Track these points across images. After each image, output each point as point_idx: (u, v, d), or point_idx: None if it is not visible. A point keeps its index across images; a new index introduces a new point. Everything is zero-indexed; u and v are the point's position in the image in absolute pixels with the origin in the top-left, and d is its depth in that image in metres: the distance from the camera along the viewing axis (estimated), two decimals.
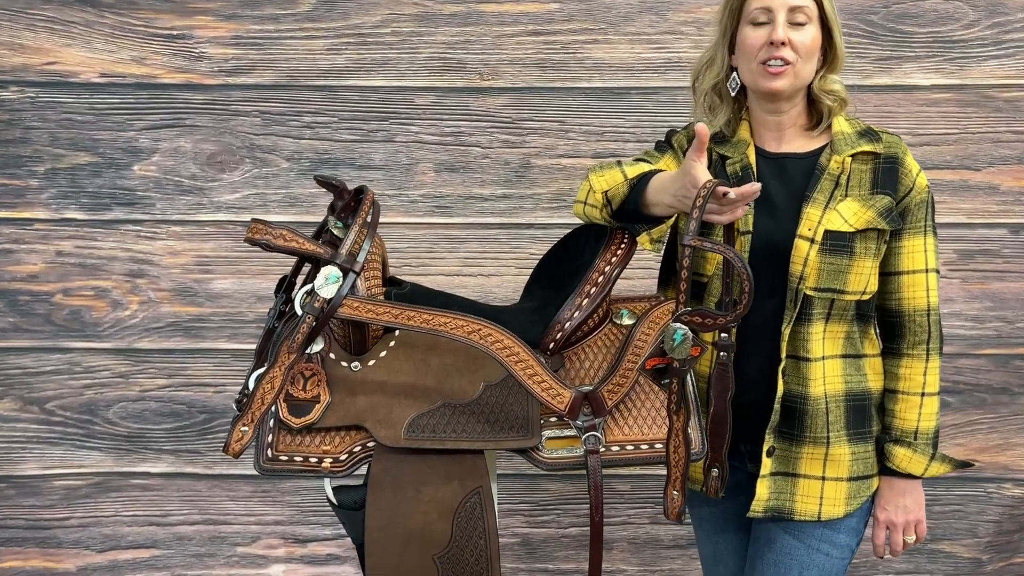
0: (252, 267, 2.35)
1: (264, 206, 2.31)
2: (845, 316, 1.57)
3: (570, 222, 2.35)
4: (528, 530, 2.46)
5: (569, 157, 2.28)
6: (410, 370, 1.45)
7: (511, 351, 1.39)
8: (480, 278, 2.31)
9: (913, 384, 1.58)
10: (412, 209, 2.29)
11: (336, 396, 1.42)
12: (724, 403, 1.39)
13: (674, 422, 1.34)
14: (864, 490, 1.59)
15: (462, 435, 1.40)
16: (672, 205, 1.40)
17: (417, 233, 2.30)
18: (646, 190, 1.44)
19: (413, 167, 2.27)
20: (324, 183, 1.51)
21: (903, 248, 1.57)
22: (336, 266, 1.39)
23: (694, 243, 1.27)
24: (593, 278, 1.47)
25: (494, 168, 2.27)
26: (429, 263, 2.30)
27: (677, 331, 1.28)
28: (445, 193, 2.28)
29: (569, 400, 1.38)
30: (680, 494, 1.36)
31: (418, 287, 1.61)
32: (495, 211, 2.28)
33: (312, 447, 1.40)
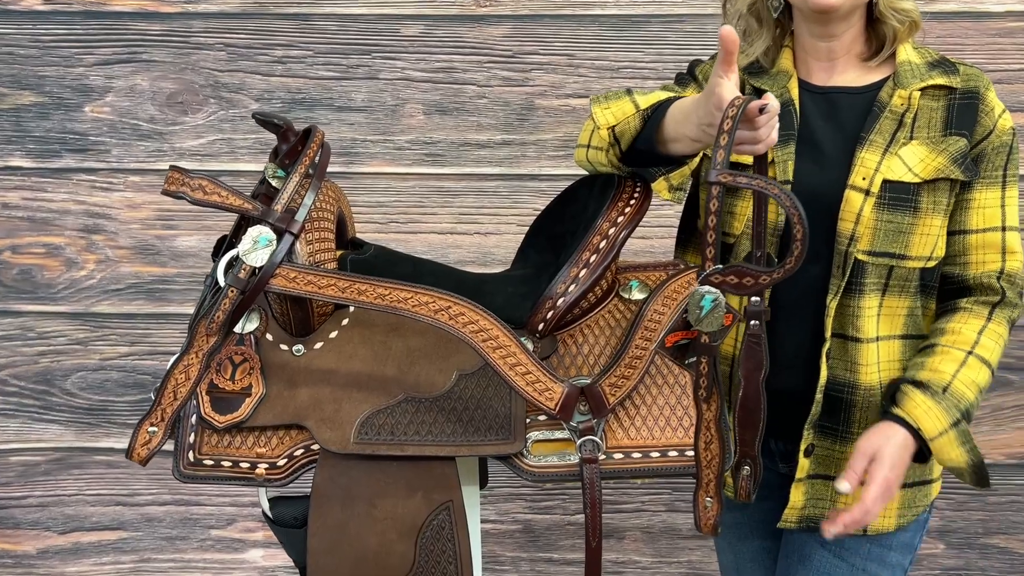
0: (221, 222, 2.15)
1: (232, 153, 2.13)
2: (907, 288, 1.27)
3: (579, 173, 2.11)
4: (531, 516, 2.27)
5: (579, 97, 2.07)
6: (366, 355, 1.17)
7: (487, 335, 1.10)
8: (477, 237, 2.15)
9: (961, 339, 1.26)
10: (399, 157, 2.11)
11: (272, 388, 1.15)
12: (757, 384, 1.10)
13: (703, 412, 1.05)
14: (921, 498, 1.31)
15: (428, 438, 1.13)
16: (697, 139, 1.10)
17: (404, 185, 2.12)
18: (663, 123, 1.14)
19: (399, 109, 2.08)
20: (263, 122, 1.23)
21: (973, 201, 1.27)
22: (268, 225, 1.11)
23: (723, 179, 0.98)
24: (593, 242, 1.17)
25: (492, 110, 2.08)
26: (418, 219, 2.14)
27: (706, 296, 1.00)
28: (436, 139, 2.10)
29: (561, 396, 1.10)
30: (715, 501, 1.09)
31: (384, 251, 1.32)
32: (494, 160, 2.10)
33: (243, 450, 1.14)
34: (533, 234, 1.45)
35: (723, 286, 1.00)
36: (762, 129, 1.04)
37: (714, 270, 1.00)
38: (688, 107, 1.12)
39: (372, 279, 1.12)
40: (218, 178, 1.14)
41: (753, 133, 1.04)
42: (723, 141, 1.00)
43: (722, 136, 1.00)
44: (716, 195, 0.99)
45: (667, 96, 1.19)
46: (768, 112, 1.00)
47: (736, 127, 0.99)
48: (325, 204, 1.21)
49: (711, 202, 0.99)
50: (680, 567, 2.29)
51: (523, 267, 1.40)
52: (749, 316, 1.08)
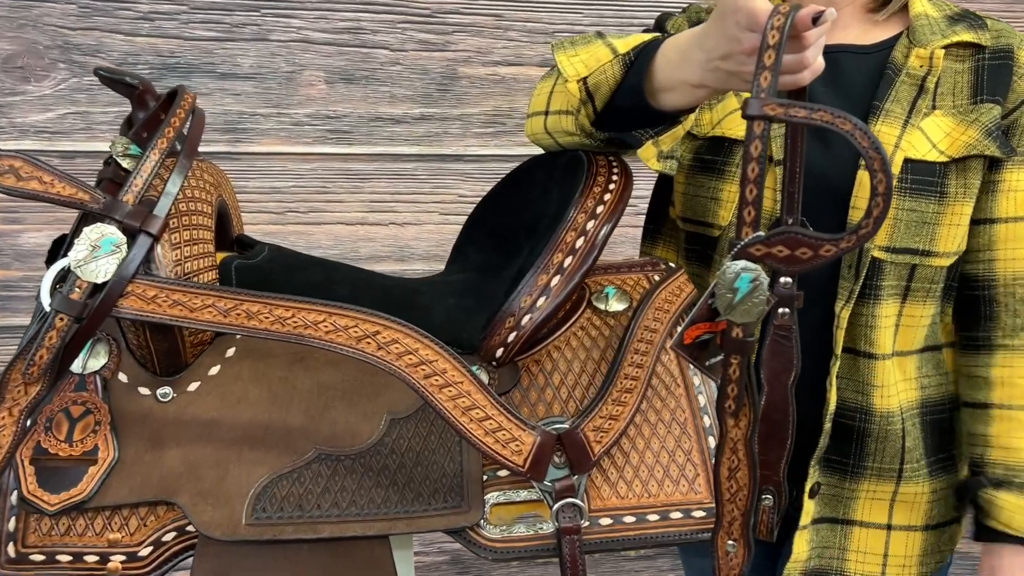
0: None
1: (88, 130, 1.81)
2: (932, 292, 1.05)
3: (512, 154, 1.86)
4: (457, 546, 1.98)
5: (509, 65, 1.87)
6: (260, 398, 0.87)
7: (431, 368, 0.81)
8: (392, 228, 1.91)
9: (1018, 392, 1.08)
10: (297, 135, 1.84)
11: (128, 449, 0.83)
12: (784, 390, 0.85)
13: (729, 429, 0.79)
14: (946, 542, 1.10)
15: (351, 511, 0.83)
16: (700, 83, 0.85)
17: (304, 167, 1.85)
18: (652, 68, 0.88)
19: (296, 77, 1.82)
20: (110, 80, 0.90)
21: (1001, 183, 1.06)
22: (114, 223, 0.78)
23: (772, 112, 0.72)
24: (567, 240, 0.89)
25: (408, 79, 1.84)
26: (322, 208, 1.87)
27: (743, 275, 0.74)
28: (341, 112, 1.84)
29: (532, 448, 0.82)
30: (740, 545, 0.83)
31: (282, 252, 1.01)
32: (410, 138, 1.86)
33: (89, 537, 0.82)
34: (472, 228, 1.17)
35: (767, 260, 0.74)
36: (811, 49, 0.79)
37: (755, 238, 0.74)
38: (687, 43, 0.85)
39: (267, 296, 0.81)
40: (40, 158, 0.81)
41: (798, 56, 0.79)
42: (768, 60, 0.73)
43: (767, 54, 0.73)
44: (759, 135, 0.73)
45: (651, 37, 0.92)
46: (823, 22, 0.76)
47: (784, 42, 0.73)
48: (200, 192, 0.89)
49: (752, 144, 0.73)
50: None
51: (462, 269, 1.11)
52: (776, 303, 0.82)
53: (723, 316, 0.76)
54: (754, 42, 0.78)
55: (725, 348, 0.77)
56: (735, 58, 0.80)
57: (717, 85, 0.85)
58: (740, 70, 0.81)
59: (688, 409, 0.91)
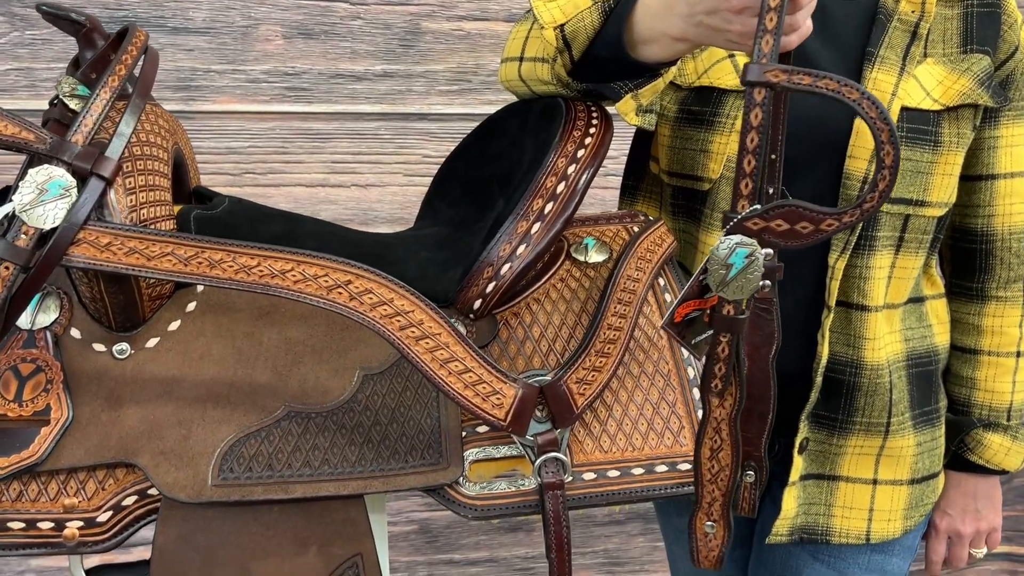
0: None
1: (32, 87, 1.72)
2: (923, 244, 1.04)
3: (478, 112, 1.81)
4: (427, 514, 1.98)
5: (475, 20, 1.81)
6: (224, 354, 0.82)
7: (407, 319, 0.77)
8: (354, 189, 1.85)
9: (1006, 340, 1.10)
10: (253, 92, 1.77)
11: (83, 408, 0.78)
12: (765, 363, 0.84)
13: (713, 409, 0.77)
14: (929, 495, 1.11)
15: (323, 470, 0.79)
16: (682, 36, 0.82)
17: (262, 127, 1.78)
18: (632, 18, 0.85)
19: (252, 31, 1.74)
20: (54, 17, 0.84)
21: (1000, 139, 1.05)
22: (62, 165, 0.72)
23: (774, 79, 0.69)
24: (547, 185, 0.86)
25: (369, 34, 1.77)
26: (281, 169, 1.81)
27: (739, 249, 0.71)
28: (300, 69, 1.77)
29: (513, 402, 0.79)
30: (720, 526, 0.81)
31: (243, 204, 0.96)
32: (372, 96, 1.79)
33: (42, 503, 0.77)
34: (442, 182, 1.12)
35: (765, 235, 0.71)
36: (802, 12, 0.76)
37: (752, 212, 0.71)
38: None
39: (231, 244, 0.76)
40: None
41: (789, 19, 0.76)
42: (770, 24, 0.70)
43: (768, 17, 0.70)
44: (760, 102, 0.70)
45: None
46: None
47: (786, 4, 0.70)
48: (154, 137, 0.84)
49: (751, 112, 0.70)
50: (596, 557, 2.08)
51: (433, 224, 1.07)
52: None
53: (715, 292, 0.73)
54: (743, 1, 0.76)
55: (715, 326, 0.75)
56: (721, 15, 0.77)
57: (699, 40, 0.82)
58: (725, 27, 0.78)
59: (671, 360, 0.88)
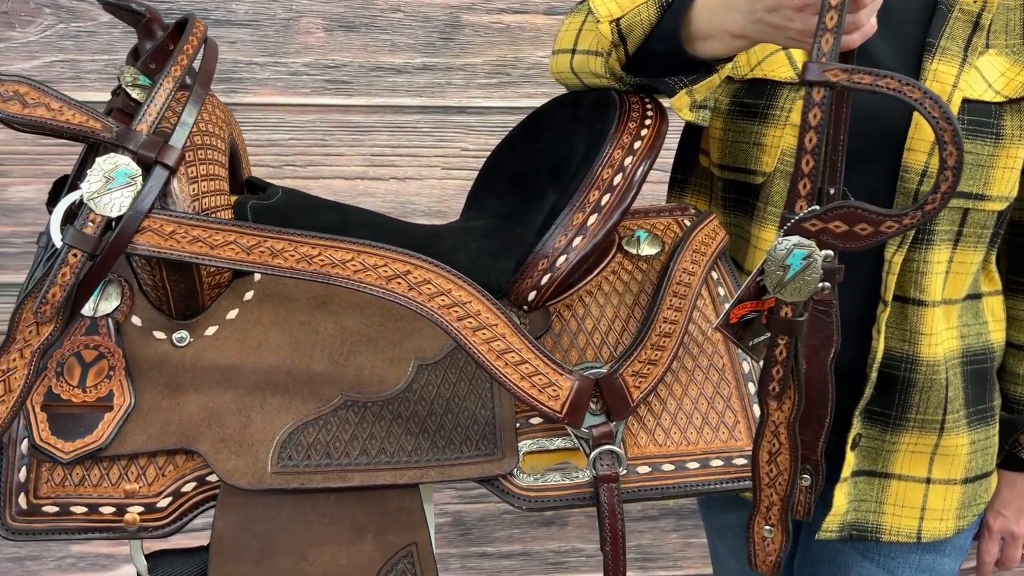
0: (67, 166, 1.72)
1: (77, 79, 1.74)
2: (982, 238, 1.03)
3: (517, 105, 1.81)
4: (460, 507, 1.99)
5: (514, 12, 1.80)
6: (282, 343, 0.83)
7: (465, 310, 0.78)
8: (393, 183, 1.84)
9: None
10: (294, 85, 1.78)
11: (145, 396, 0.79)
12: (824, 366, 0.83)
13: (771, 412, 0.77)
14: (982, 494, 1.09)
15: (380, 459, 0.80)
16: (741, 33, 0.82)
17: (302, 119, 1.79)
18: (691, 13, 0.85)
19: (294, 24, 1.74)
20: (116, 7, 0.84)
21: None
22: (128, 154, 0.73)
23: (834, 78, 0.69)
24: (603, 177, 0.85)
25: (410, 27, 1.78)
26: (320, 162, 1.81)
27: (796, 251, 0.71)
28: (341, 62, 1.77)
29: (569, 394, 0.79)
30: (778, 530, 0.81)
31: (296, 195, 0.97)
32: (412, 88, 1.79)
33: (105, 487, 0.78)
34: (488, 174, 1.12)
35: (823, 236, 0.71)
36: (866, 10, 0.75)
37: (810, 212, 0.71)
38: None
39: (292, 233, 0.77)
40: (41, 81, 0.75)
41: (852, 17, 0.75)
42: (830, 22, 0.69)
43: (828, 15, 0.70)
44: (819, 102, 0.69)
45: None
46: None
47: (847, 3, 0.70)
48: (213, 127, 0.84)
49: (810, 112, 0.69)
50: (629, 552, 2.06)
51: (480, 216, 1.07)
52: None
53: (772, 294, 0.73)
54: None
55: (772, 328, 0.74)
56: (782, 12, 0.77)
57: (759, 38, 0.82)
58: (786, 25, 0.78)
59: (726, 355, 0.88)
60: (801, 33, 0.77)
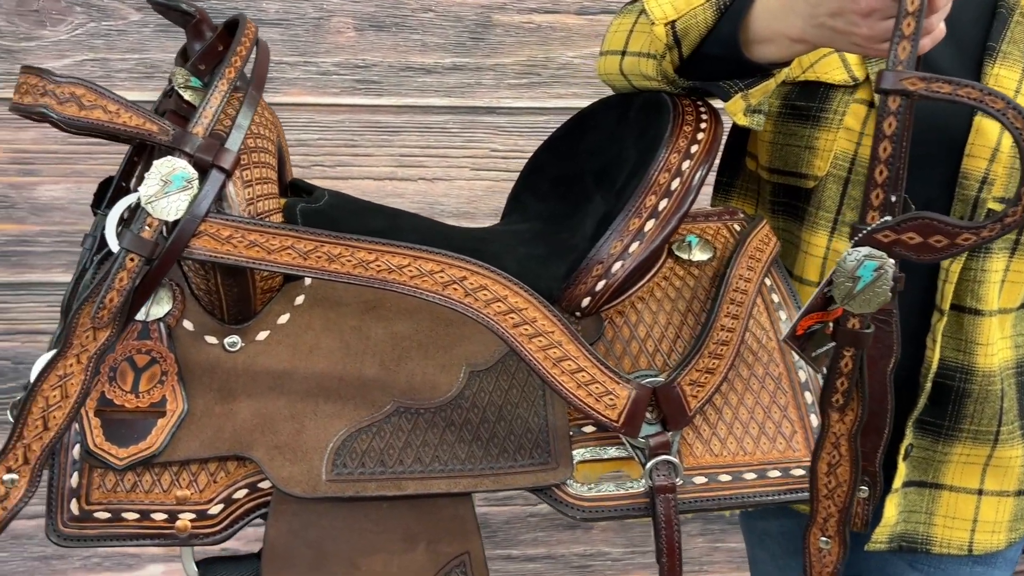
0: (96, 165, 1.75)
1: (107, 78, 1.74)
2: None
3: (547, 106, 1.79)
4: (485, 509, 1.98)
5: (546, 12, 1.79)
6: (334, 348, 0.82)
7: (521, 317, 0.77)
8: (421, 183, 1.84)
9: None
10: (323, 84, 1.77)
11: (198, 401, 0.78)
12: (883, 376, 0.82)
13: (832, 423, 0.75)
14: None
15: (434, 466, 0.79)
16: (801, 37, 0.80)
17: (332, 119, 1.78)
18: (749, 16, 0.83)
19: (324, 23, 1.74)
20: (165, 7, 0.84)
21: None
22: (185, 157, 0.72)
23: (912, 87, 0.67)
24: (659, 181, 0.84)
25: (440, 26, 1.77)
26: (349, 162, 1.80)
27: (867, 262, 0.69)
28: (371, 61, 1.76)
29: (627, 403, 0.78)
30: (835, 542, 0.79)
31: (343, 198, 0.96)
32: (442, 89, 1.78)
33: (156, 494, 0.77)
34: (530, 176, 1.11)
35: (896, 248, 0.69)
36: (936, 15, 0.74)
37: (883, 224, 0.69)
38: None
39: (349, 238, 0.76)
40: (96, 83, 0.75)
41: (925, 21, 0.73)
42: (907, 29, 0.68)
43: (905, 22, 0.68)
44: (895, 111, 0.68)
45: None
46: None
47: (924, 9, 0.68)
48: (263, 129, 0.83)
49: (885, 121, 0.68)
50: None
51: (523, 219, 1.06)
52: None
53: (839, 305, 0.72)
54: (872, 3, 0.74)
55: (838, 339, 0.73)
56: (846, 17, 0.75)
57: (820, 42, 0.80)
58: (850, 30, 0.76)
59: (782, 363, 0.87)
60: (866, 39, 0.75)
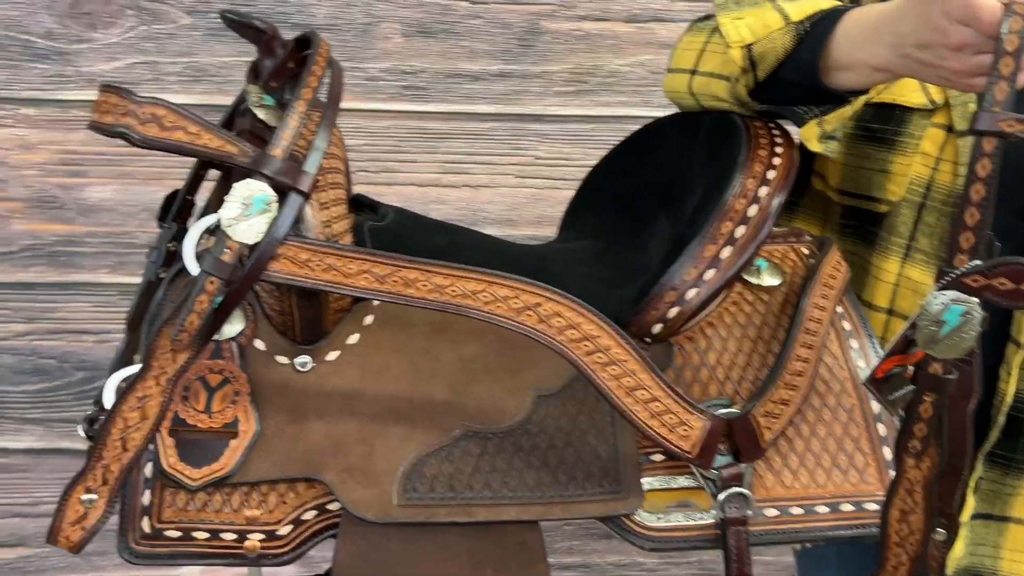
0: (144, 167, 1.76)
1: (157, 81, 1.76)
2: None
3: (594, 114, 1.78)
4: None
5: (595, 20, 1.78)
6: (403, 370, 0.81)
7: (594, 344, 0.76)
8: (465, 190, 1.84)
9: None
10: (371, 90, 1.77)
11: (270, 422, 0.78)
12: (964, 417, 0.80)
13: (908, 469, 0.74)
14: None
15: (503, 493, 0.79)
16: (884, 66, 0.79)
17: (378, 125, 1.78)
18: (831, 43, 0.81)
19: (372, 28, 1.74)
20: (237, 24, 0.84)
21: None
22: (264, 179, 0.72)
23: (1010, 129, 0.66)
24: (736, 208, 0.83)
25: (488, 33, 1.77)
26: (394, 168, 1.80)
27: (954, 306, 0.68)
28: (418, 68, 1.76)
29: (701, 434, 0.77)
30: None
31: (405, 214, 0.96)
32: (489, 95, 1.78)
33: (226, 513, 0.77)
34: (589, 191, 1.10)
35: (986, 293, 0.68)
36: None
37: (973, 268, 0.68)
38: (876, 21, 0.78)
39: (424, 263, 0.75)
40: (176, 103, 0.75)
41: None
42: (1006, 70, 0.67)
43: (1003, 61, 0.67)
44: (990, 153, 0.66)
45: (830, 5, 0.85)
46: None
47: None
48: (334, 148, 0.83)
49: (979, 163, 0.67)
50: (690, 568, 2.04)
51: (581, 236, 1.05)
52: None
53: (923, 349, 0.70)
54: (964, 37, 0.72)
55: (919, 384, 0.72)
56: (935, 50, 0.74)
57: (904, 73, 0.79)
58: (939, 64, 0.75)
59: (854, 393, 0.85)
60: (956, 73, 0.74)
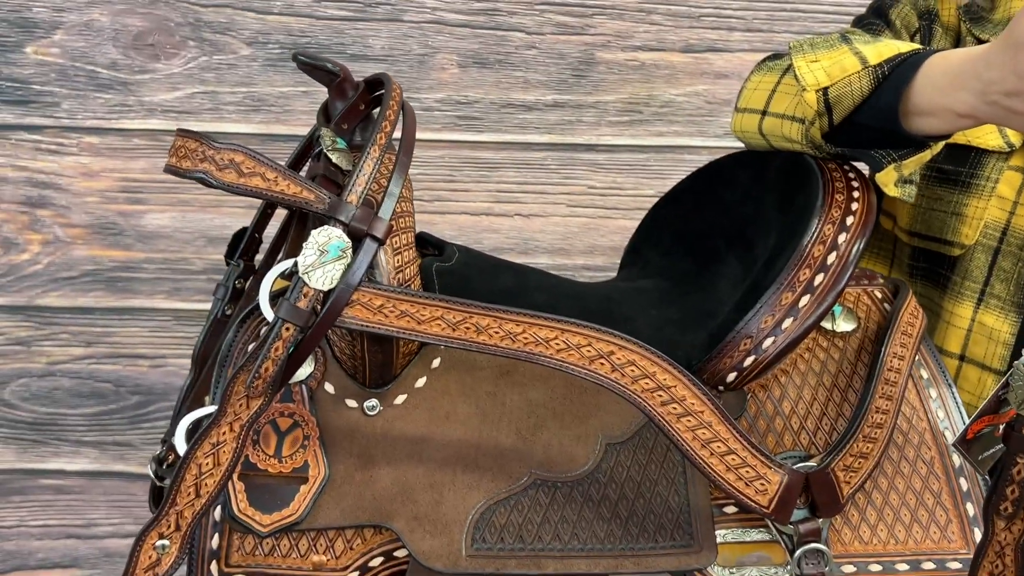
0: (202, 196, 1.79)
1: (216, 110, 1.77)
2: None
3: (647, 144, 1.77)
4: None
5: (650, 50, 1.77)
6: (470, 415, 0.80)
7: (670, 395, 0.74)
8: (517, 219, 1.83)
9: None
10: (426, 120, 1.77)
11: (339, 467, 0.77)
12: None
13: (997, 531, 0.71)
14: None
15: (573, 544, 0.77)
16: (970, 113, 0.76)
17: (432, 154, 1.78)
18: (911, 88, 0.79)
19: (428, 59, 1.75)
20: (309, 66, 0.84)
21: None
22: (340, 226, 0.72)
23: None
24: (814, 254, 0.81)
25: (543, 63, 1.76)
26: (447, 197, 1.80)
27: None
28: (473, 98, 1.77)
29: (779, 489, 0.74)
30: None
31: (470, 254, 0.95)
32: (542, 126, 1.78)
33: (294, 559, 0.77)
34: (653, 227, 1.09)
35: None
36: None
37: None
38: (960, 67, 0.76)
39: (496, 309, 0.74)
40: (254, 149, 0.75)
41: None
42: None
43: None
44: None
45: (909, 49, 0.82)
46: None
47: None
48: (406, 192, 0.83)
49: None
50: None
51: (644, 274, 1.04)
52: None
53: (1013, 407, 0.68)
54: None
55: (1011, 446, 0.69)
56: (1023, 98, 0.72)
57: (991, 120, 0.76)
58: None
59: (934, 445, 0.82)
60: None
